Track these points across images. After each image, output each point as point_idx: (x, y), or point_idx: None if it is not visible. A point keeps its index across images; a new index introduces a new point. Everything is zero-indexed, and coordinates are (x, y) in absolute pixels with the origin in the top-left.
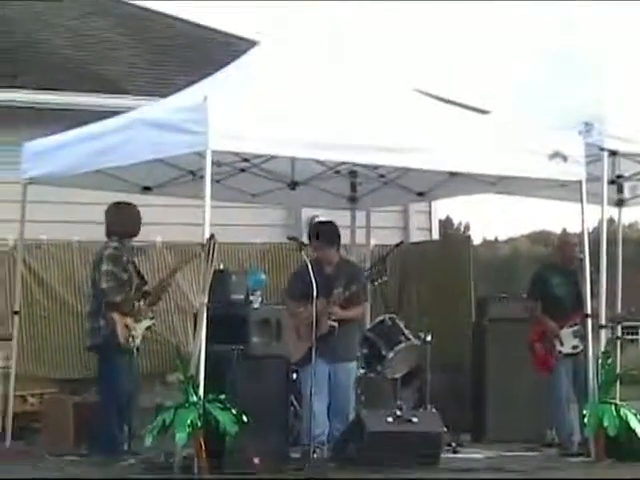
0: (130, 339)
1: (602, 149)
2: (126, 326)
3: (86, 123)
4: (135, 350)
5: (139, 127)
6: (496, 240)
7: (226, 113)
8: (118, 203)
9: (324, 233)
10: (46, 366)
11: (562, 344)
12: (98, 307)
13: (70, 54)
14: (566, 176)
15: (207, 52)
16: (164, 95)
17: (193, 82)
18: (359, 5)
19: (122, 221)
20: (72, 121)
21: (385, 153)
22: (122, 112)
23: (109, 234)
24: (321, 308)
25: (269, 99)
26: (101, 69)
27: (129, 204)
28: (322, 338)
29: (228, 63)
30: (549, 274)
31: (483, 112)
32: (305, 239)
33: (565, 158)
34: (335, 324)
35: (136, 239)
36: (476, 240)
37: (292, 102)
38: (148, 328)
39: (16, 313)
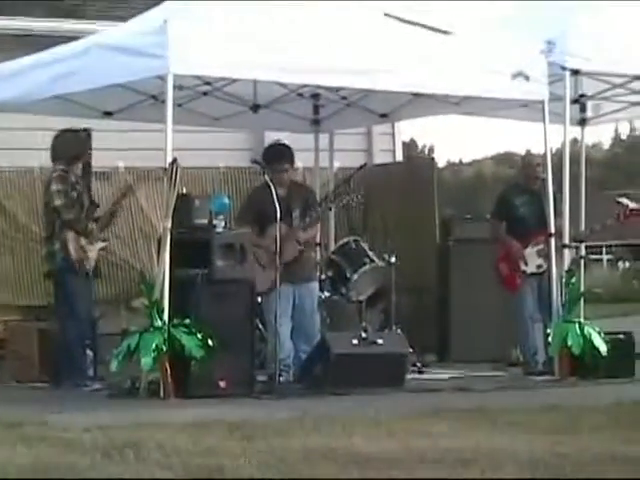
0: (85, 260)
1: (564, 68)
2: (81, 247)
3: (44, 49)
4: (91, 272)
5: (99, 52)
6: (460, 162)
7: (187, 36)
8: (64, 130)
9: (277, 153)
10: (10, 293)
11: (526, 264)
12: (52, 231)
13: None
14: (529, 96)
15: None
16: (123, 19)
17: (153, 5)
18: None
19: (67, 146)
20: (29, 47)
21: (347, 75)
22: (80, 37)
23: (54, 159)
24: (284, 233)
25: (231, 22)
26: None
27: (74, 130)
28: (288, 263)
29: None
30: (513, 195)
31: (445, 32)
32: None
33: (527, 77)
34: (302, 248)
35: (98, 165)
36: (441, 163)
37: (254, 24)
38: (102, 250)
39: None
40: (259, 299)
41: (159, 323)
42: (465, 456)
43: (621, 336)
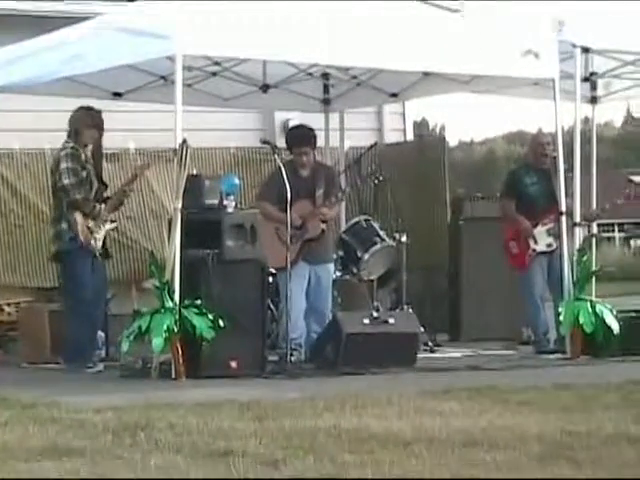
0: (92, 241)
1: (574, 45)
2: (88, 228)
3: (53, 30)
4: (98, 254)
5: (108, 33)
6: (472, 142)
7: (196, 16)
8: (80, 107)
9: (301, 137)
10: (22, 275)
11: (536, 242)
12: (60, 212)
13: None
14: (539, 73)
15: None
16: (131, 0)
17: None
18: None
19: (81, 122)
20: (39, 28)
21: (357, 54)
22: (89, 18)
23: (68, 135)
24: (308, 211)
25: (240, 2)
26: None
27: (84, 107)
28: (309, 242)
29: None
30: (523, 173)
31: (454, 11)
32: (278, 143)
33: (537, 55)
34: (324, 226)
35: (108, 146)
36: (452, 142)
37: (264, 4)
38: (112, 230)
39: None
40: (272, 278)
41: (170, 304)
42: (476, 435)
43: (633, 314)
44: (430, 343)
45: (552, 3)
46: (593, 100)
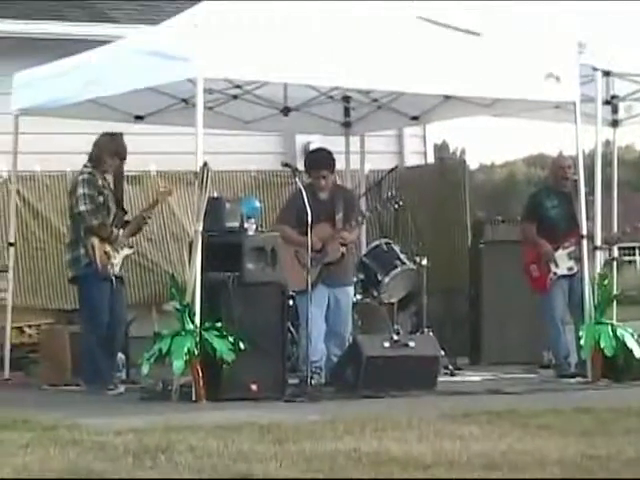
0: (109, 267)
1: (595, 69)
2: (105, 253)
3: (75, 52)
4: (114, 278)
5: (130, 55)
6: (492, 165)
7: (217, 39)
8: (103, 133)
9: (319, 160)
10: (43, 297)
11: (557, 266)
12: (77, 236)
13: None
14: (560, 97)
15: None
16: (154, 23)
17: (183, 9)
18: None
19: (103, 148)
20: (61, 51)
21: (378, 77)
22: (111, 41)
23: (90, 159)
24: (328, 234)
25: (261, 25)
26: None
27: (112, 133)
28: (329, 265)
29: None
30: (544, 196)
31: (476, 34)
32: (299, 165)
33: (558, 79)
34: (344, 250)
35: (129, 168)
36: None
37: (284, 27)
38: (127, 257)
39: (11, 245)
40: (292, 300)
41: (190, 326)
42: (496, 459)
43: None
44: (450, 366)
45: (573, 27)
46: (614, 123)
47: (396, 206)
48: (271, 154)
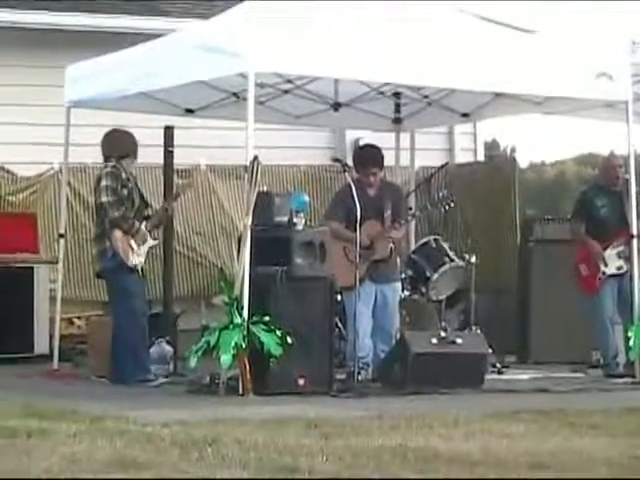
0: (134, 259)
1: None
2: (129, 245)
3: (128, 46)
4: (140, 270)
5: (181, 49)
6: (543, 163)
7: (269, 34)
8: (109, 130)
9: (368, 156)
10: (91, 289)
11: (606, 265)
12: (103, 230)
13: None
14: (612, 96)
15: None
16: (206, 16)
17: (234, 3)
18: None
19: (115, 144)
20: (113, 44)
21: (429, 73)
22: (163, 34)
23: (106, 158)
24: (376, 231)
25: (313, 19)
26: None
27: (119, 129)
28: (377, 261)
29: None
30: (594, 195)
31: (528, 32)
32: (349, 161)
33: (611, 77)
34: (392, 247)
35: (180, 162)
36: (523, 163)
37: (336, 22)
38: (151, 249)
39: (61, 236)
40: (339, 296)
41: (239, 320)
42: (542, 458)
43: None
44: (498, 364)
45: (626, 25)
46: None
47: (447, 207)
48: (321, 149)
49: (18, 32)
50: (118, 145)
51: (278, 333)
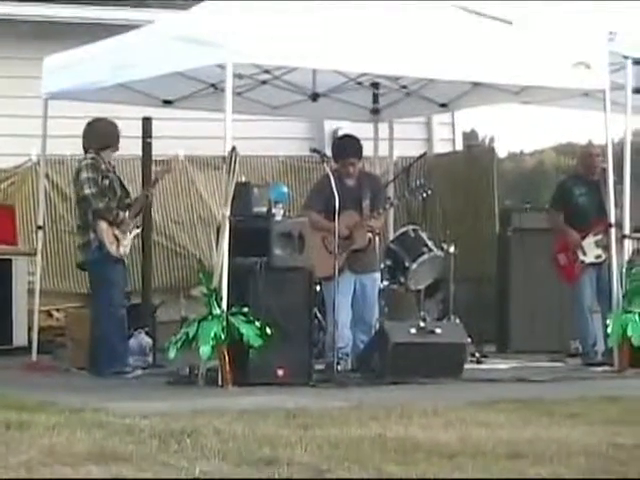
0: (119, 249)
1: (626, 57)
2: (114, 236)
3: (106, 37)
4: (125, 260)
5: (159, 40)
6: (521, 153)
7: (247, 25)
8: (95, 119)
9: (347, 147)
10: (70, 281)
11: (585, 254)
12: (85, 221)
13: None
14: (590, 85)
15: None
16: (183, 8)
17: None
18: None
19: (96, 135)
20: (91, 35)
21: (407, 63)
22: (141, 25)
23: (85, 149)
24: (355, 221)
25: (290, 10)
26: None
27: (103, 119)
28: (356, 252)
29: None
30: (572, 185)
31: (505, 22)
32: (327, 152)
33: (589, 66)
34: (371, 237)
35: (158, 153)
36: (502, 153)
37: (314, 13)
38: (135, 237)
39: (40, 228)
40: (319, 286)
41: (218, 311)
42: (521, 447)
43: None
44: (477, 354)
45: (603, 15)
46: None
47: (424, 195)
48: (299, 140)
49: None
50: (98, 137)
51: (257, 324)
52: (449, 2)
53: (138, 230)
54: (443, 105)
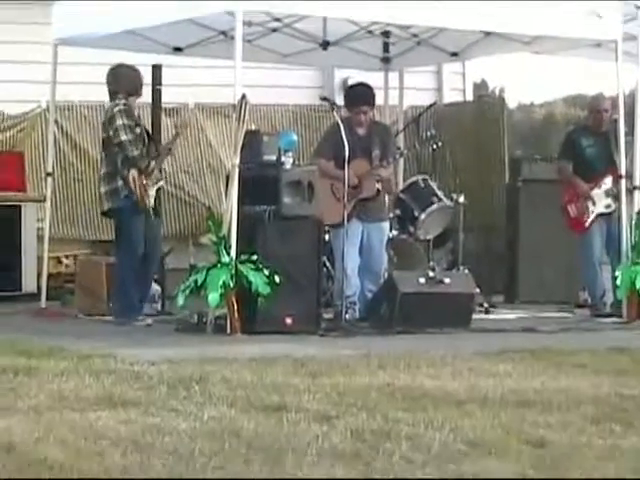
0: (146, 199)
1: (638, 7)
2: (143, 185)
3: None
4: (151, 210)
5: None
6: (532, 104)
7: None
8: (119, 64)
9: (360, 95)
10: (80, 228)
11: (594, 204)
12: (113, 168)
13: None
14: (601, 35)
15: None
16: None
17: None
18: None
19: (125, 80)
20: None
21: (418, 12)
22: None
23: (112, 96)
24: (364, 170)
25: None
26: None
27: (126, 65)
28: (364, 200)
29: None
30: (580, 136)
31: None
32: (337, 100)
33: (600, 16)
34: (380, 186)
35: (168, 100)
36: (512, 104)
37: None
38: (159, 190)
39: (49, 175)
40: (327, 235)
41: (226, 259)
42: (529, 396)
43: None
44: (485, 304)
45: None
46: None
47: (435, 146)
48: (309, 88)
49: None
50: (127, 82)
51: (266, 272)
52: None
53: (162, 182)
54: (454, 54)
